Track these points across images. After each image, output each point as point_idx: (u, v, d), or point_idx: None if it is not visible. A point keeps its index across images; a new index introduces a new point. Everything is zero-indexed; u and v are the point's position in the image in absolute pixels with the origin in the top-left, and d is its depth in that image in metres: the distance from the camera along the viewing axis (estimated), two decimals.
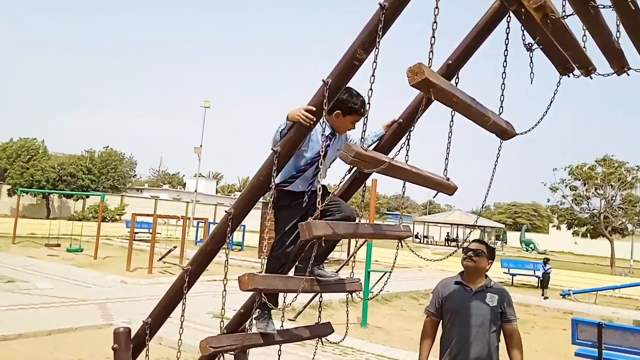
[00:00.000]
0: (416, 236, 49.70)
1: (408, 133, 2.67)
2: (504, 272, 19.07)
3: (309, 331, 3.28)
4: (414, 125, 2.45)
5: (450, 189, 2.87)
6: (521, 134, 2.72)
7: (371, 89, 2.35)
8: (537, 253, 42.29)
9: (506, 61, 2.58)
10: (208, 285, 11.16)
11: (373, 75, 2.28)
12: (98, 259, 16.66)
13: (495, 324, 3.41)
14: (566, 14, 2.18)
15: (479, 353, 3.36)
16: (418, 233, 51.56)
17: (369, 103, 2.43)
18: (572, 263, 32.44)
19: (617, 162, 27.80)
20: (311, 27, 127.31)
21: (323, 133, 2.68)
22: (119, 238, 25.92)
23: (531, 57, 2.49)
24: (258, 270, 2.70)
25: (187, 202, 41.31)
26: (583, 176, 27.81)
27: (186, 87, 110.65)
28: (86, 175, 35.31)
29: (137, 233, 23.10)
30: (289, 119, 2.60)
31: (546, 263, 17.55)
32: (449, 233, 51.81)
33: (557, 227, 35.55)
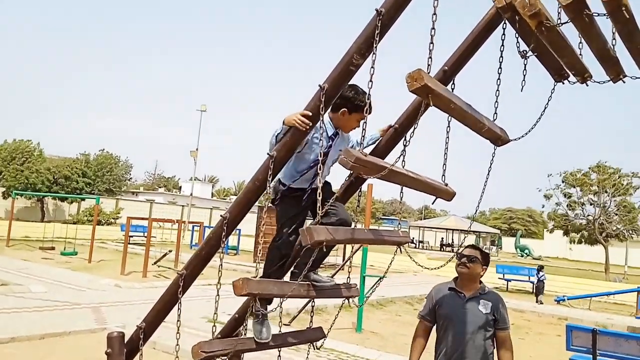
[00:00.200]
0: (412, 241, 49.69)
1: (405, 139, 2.67)
2: (499, 278, 19.08)
3: (301, 336, 3.27)
4: (414, 131, 2.45)
5: (448, 195, 2.88)
6: (515, 140, 2.73)
7: (369, 96, 2.36)
8: (532, 259, 42.40)
9: (501, 67, 2.58)
10: (203, 289, 11.12)
11: (371, 80, 2.29)
12: (92, 263, 16.57)
13: (488, 331, 3.39)
14: (561, 22, 2.19)
15: (472, 359, 3.35)
16: (413, 238, 51.52)
17: (370, 107, 2.44)
18: (567, 269, 32.52)
19: (612, 169, 27.90)
20: (308, 32, 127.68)
21: (324, 134, 2.68)
22: (114, 241, 25.82)
23: (525, 65, 2.50)
24: (253, 274, 2.69)
25: (183, 206, 41.18)
26: (577, 183, 27.89)
27: (183, 91, 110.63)
28: (81, 178, 35.13)
29: (132, 236, 23.05)
30: (285, 124, 2.60)
31: (540, 270, 17.08)
32: (444, 238, 51.85)
33: (550, 231, 35.60)
